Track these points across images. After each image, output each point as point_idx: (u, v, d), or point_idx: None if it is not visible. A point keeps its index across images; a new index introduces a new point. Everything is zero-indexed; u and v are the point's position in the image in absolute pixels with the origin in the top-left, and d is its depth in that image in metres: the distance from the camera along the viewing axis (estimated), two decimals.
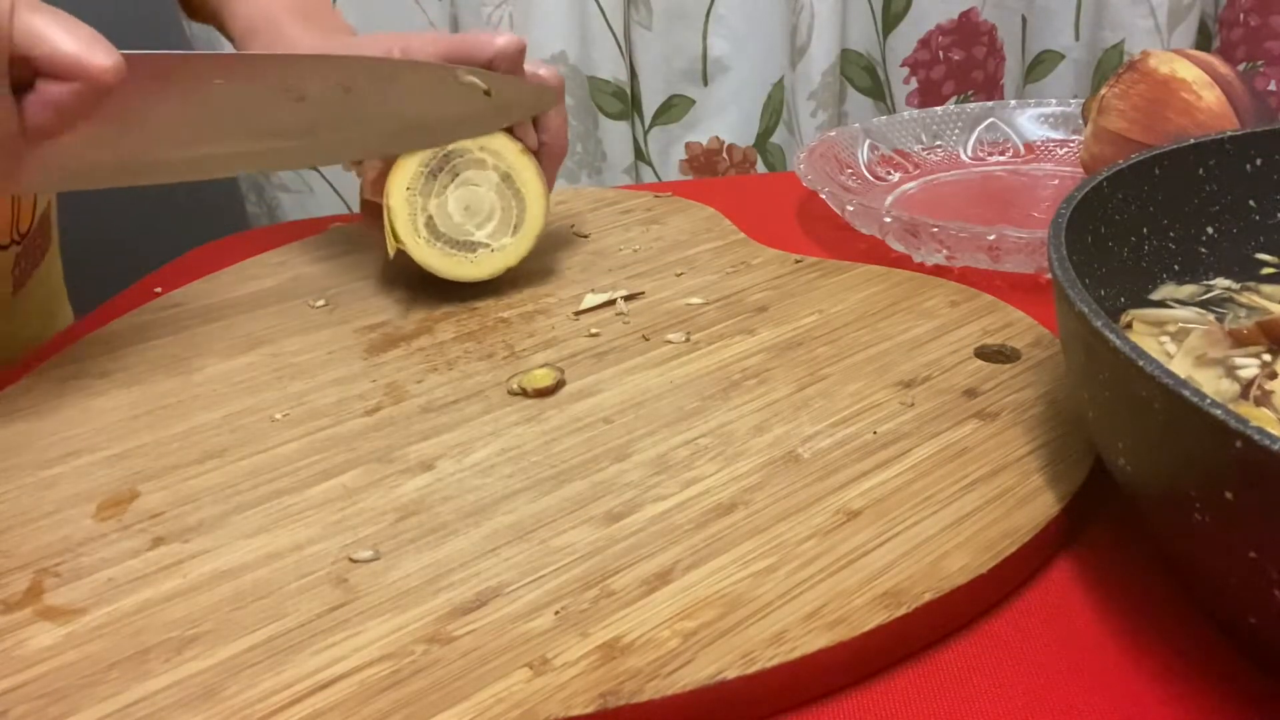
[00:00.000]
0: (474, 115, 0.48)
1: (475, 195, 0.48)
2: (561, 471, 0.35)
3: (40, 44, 0.33)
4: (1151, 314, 0.37)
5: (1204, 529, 0.24)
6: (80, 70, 0.34)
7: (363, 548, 0.32)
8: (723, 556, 0.30)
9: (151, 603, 0.30)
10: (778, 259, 0.52)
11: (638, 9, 1.00)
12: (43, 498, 0.36)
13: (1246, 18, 1.03)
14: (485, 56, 0.47)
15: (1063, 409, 0.37)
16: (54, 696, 0.27)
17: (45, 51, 0.34)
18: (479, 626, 0.28)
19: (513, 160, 0.49)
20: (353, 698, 0.26)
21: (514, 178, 0.49)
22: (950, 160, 0.68)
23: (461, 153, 0.48)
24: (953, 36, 1.05)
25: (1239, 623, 0.27)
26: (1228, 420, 0.22)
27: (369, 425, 0.39)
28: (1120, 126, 0.53)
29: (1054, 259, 0.30)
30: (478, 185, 0.48)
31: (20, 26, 0.33)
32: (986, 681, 0.28)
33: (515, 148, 0.49)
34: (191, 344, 0.46)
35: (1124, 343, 0.25)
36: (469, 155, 0.48)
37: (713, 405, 0.39)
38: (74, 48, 0.34)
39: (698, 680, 0.26)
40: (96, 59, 0.34)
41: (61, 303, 0.66)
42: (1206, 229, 0.39)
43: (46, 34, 0.34)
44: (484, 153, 0.48)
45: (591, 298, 0.49)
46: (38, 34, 0.33)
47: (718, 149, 1.07)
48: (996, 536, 0.30)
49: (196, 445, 0.38)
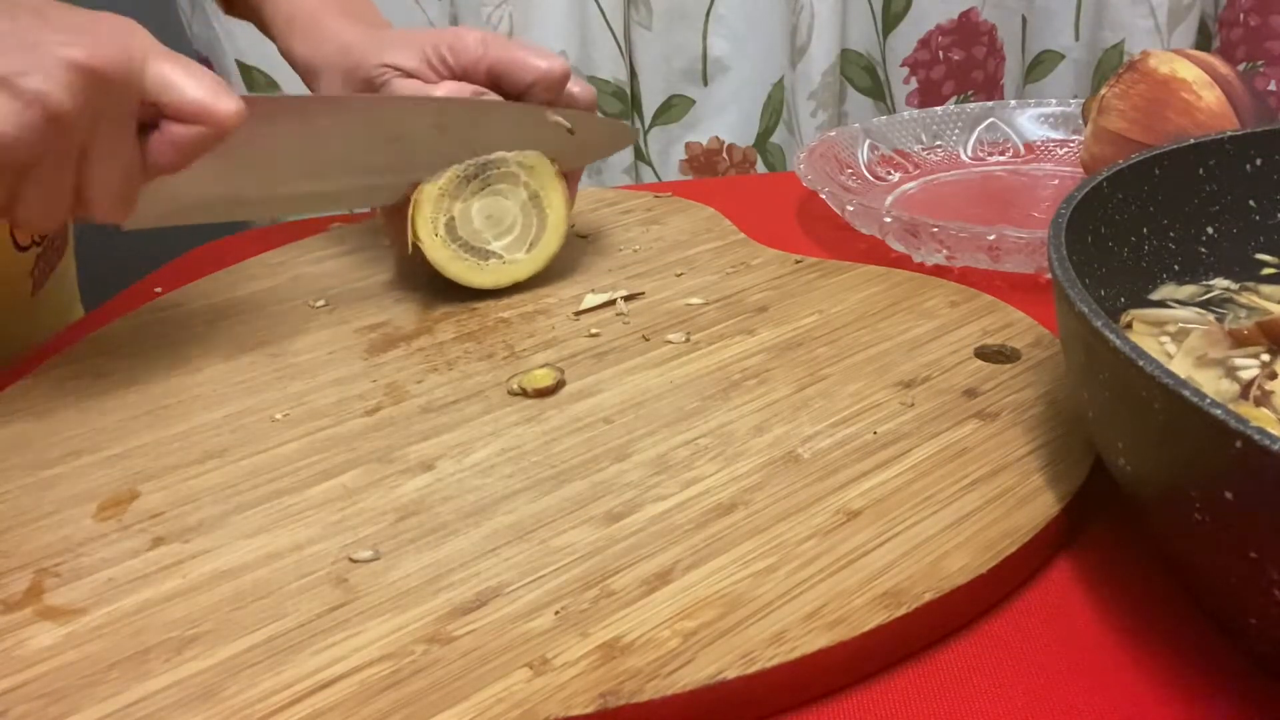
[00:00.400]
0: (558, 153, 0.50)
1: (501, 206, 0.49)
2: (561, 471, 0.35)
3: (169, 90, 0.36)
4: (1151, 314, 0.37)
5: (1204, 529, 0.24)
6: (206, 116, 0.37)
7: (363, 548, 0.32)
8: (723, 556, 0.30)
9: (151, 603, 0.30)
10: (778, 259, 0.52)
11: (638, 9, 1.00)
12: (43, 498, 0.36)
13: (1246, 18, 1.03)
14: (526, 81, 0.48)
15: (1063, 409, 0.37)
16: (54, 696, 0.27)
17: (174, 98, 0.36)
18: (479, 626, 0.28)
19: (546, 181, 0.49)
20: (353, 698, 0.26)
21: (542, 198, 0.50)
22: (950, 160, 0.68)
23: (499, 163, 0.48)
24: (953, 36, 1.05)
25: (1239, 623, 0.27)
26: (1228, 420, 0.22)
27: (369, 425, 0.39)
28: (1120, 126, 0.53)
29: (1054, 259, 0.30)
30: (505, 198, 0.49)
31: (152, 73, 0.36)
32: (986, 681, 0.28)
33: (551, 170, 0.50)
34: (191, 344, 0.46)
35: (1124, 343, 0.25)
36: (505, 168, 0.48)
37: (713, 405, 0.39)
38: (201, 94, 0.37)
39: (698, 680, 0.26)
40: (221, 105, 0.37)
41: (75, 303, 0.66)
42: (1206, 229, 0.39)
43: (176, 81, 0.36)
44: (520, 168, 0.49)
45: (591, 298, 0.49)
46: (167, 81, 0.36)
47: (718, 149, 1.07)
48: (996, 536, 0.30)
49: (196, 445, 0.38)
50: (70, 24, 0.34)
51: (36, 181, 0.35)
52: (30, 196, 0.36)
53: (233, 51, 0.95)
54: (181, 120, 0.37)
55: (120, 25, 0.36)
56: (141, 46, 0.36)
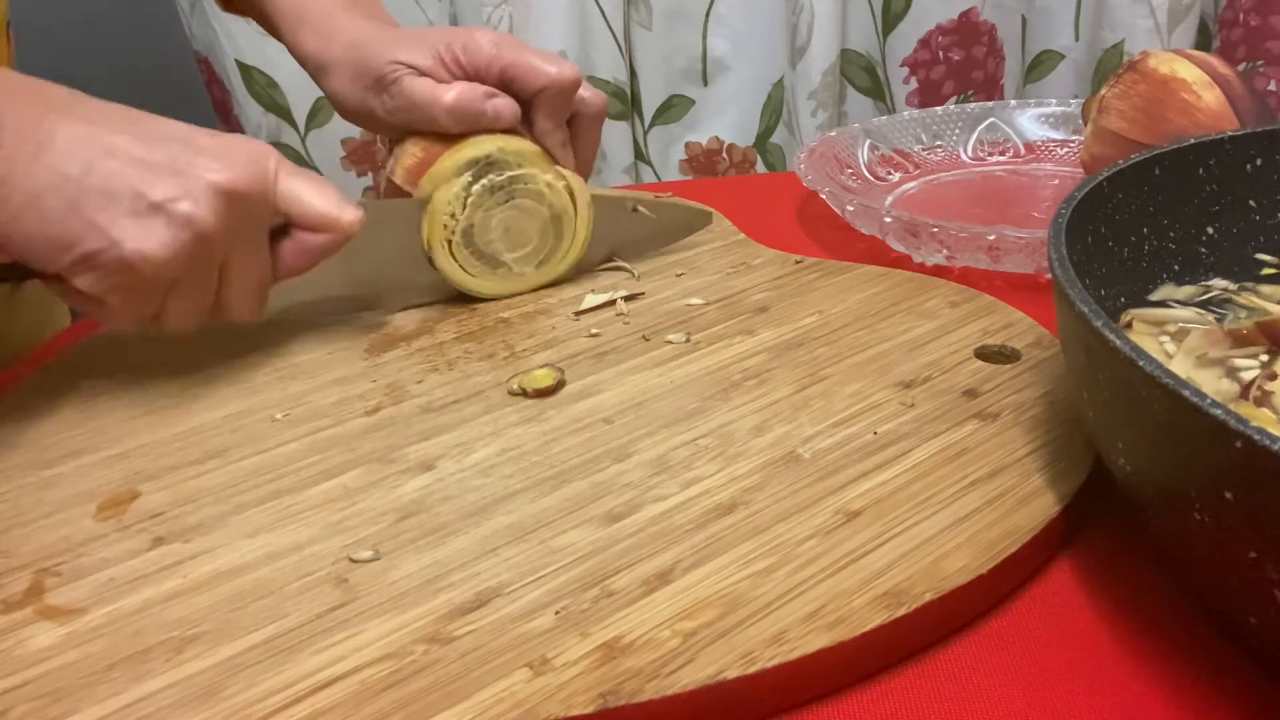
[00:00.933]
0: (642, 238, 0.54)
1: (520, 223, 0.49)
2: (561, 472, 0.35)
3: (298, 204, 0.40)
4: (1151, 314, 0.37)
5: (1204, 529, 0.24)
6: (332, 225, 0.41)
7: (363, 548, 0.32)
8: (723, 557, 0.30)
9: (151, 603, 0.30)
10: (778, 259, 0.52)
11: (638, 9, 1.00)
12: (43, 498, 0.36)
13: (1246, 18, 1.03)
14: (536, 86, 0.48)
15: (1063, 409, 0.37)
16: (54, 696, 0.27)
17: (301, 211, 0.41)
18: (479, 626, 0.28)
19: (573, 206, 0.50)
20: (353, 698, 0.26)
21: (564, 221, 0.50)
22: (950, 160, 0.68)
23: (527, 180, 0.48)
24: (953, 36, 1.05)
25: (1239, 623, 0.27)
26: (1228, 420, 0.22)
27: (369, 425, 0.39)
28: (1120, 126, 0.53)
29: (1054, 259, 0.30)
30: (527, 215, 0.49)
31: (283, 189, 0.40)
32: (986, 681, 0.28)
33: (586, 198, 0.50)
34: (191, 344, 0.46)
35: (1124, 343, 0.25)
36: (533, 185, 0.48)
37: (713, 405, 0.39)
38: (326, 208, 0.41)
39: (698, 680, 0.26)
40: (345, 216, 0.41)
41: (59, 304, 0.66)
42: (1206, 229, 0.39)
43: (305, 196, 0.41)
44: (548, 189, 0.49)
45: (592, 298, 0.49)
46: (296, 196, 0.40)
47: (718, 149, 1.07)
48: (996, 536, 0.30)
49: (197, 445, 0.38)
50: (211, 149, 0.38)
51: (182, 293, 0.39)
52: (175, 307, 0.39)
53: (232, 51, 0.95)
54: (309, 230, 0.41)
55: (255, 148, 0.39)
56: (275, 165, 0.40)
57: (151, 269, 0.36)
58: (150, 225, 0.36)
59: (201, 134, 0.39)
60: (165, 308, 0.39)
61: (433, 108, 0.47)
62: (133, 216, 0.36)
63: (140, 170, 0.36)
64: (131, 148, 0.36)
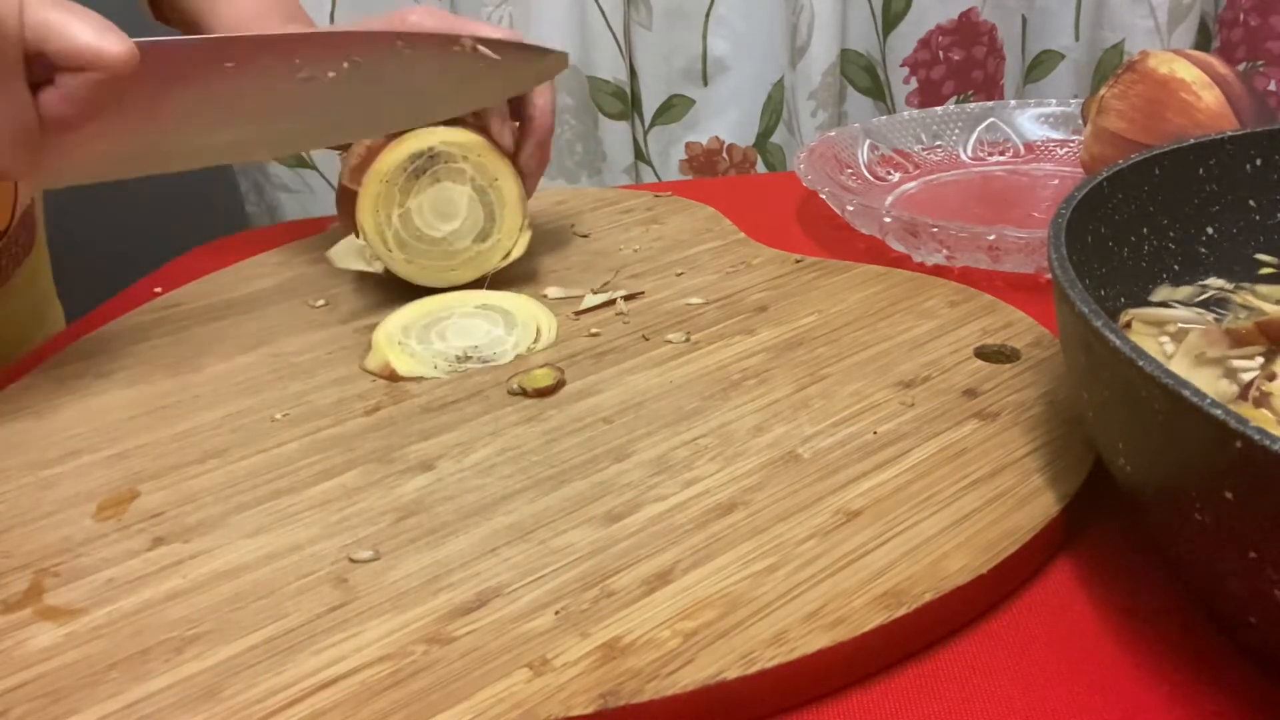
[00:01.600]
0: (482, 86, 0.47)
1: (447, 195, 0.48)
2: (561, 471, 0.35)
3: (52, 37, 0.34)
4: (1151, 314, 0.37)
5: (1204, 529, 0.24)
6: (95, 60, 0.34)
7: (363, 548, 0.32)
8: (723, 557, 0.30)
9: (151, 603, 0.30)
10: (778, 259, 0.52)
11: (638, 9, 1.00)
12: (43, 498, 0.36)
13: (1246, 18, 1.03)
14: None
15: (1063, 409, 0.37)
16: (54, 696, 0.27)
17: (58, 45, 0.34)
18: (479, 626, 0.28)
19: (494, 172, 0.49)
20: (353, 698, 0.26)
21: (491, 193, 0.49)
22: (950, 160, 0.68)
23: (446, 157, 0.48)
24: (953, 36, 1.05)
25: (1239, 623, 0.27)
26: (1228, 420, 0.22)
27: (369, 425, 0.39)
28: (1120, 127, 0.53)
29: (1054, 259, 0.30)
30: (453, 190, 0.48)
31: (31, 20, 0.34)
32: (986, 681, 0.28)
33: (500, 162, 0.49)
34: (191, 344, 0.46)
35: (1124, 343, 0.25)
36: (452, 163, 0.48)
37: (712, 405, 0.39)
38: (87, 38, 0.34)
39: (698, 680, 0.26)
40: (110, 48, 0.35)
41: (51, 304, 0.66)
42: (1206, 229, 0.39)
43: (58, 26, 0.34)
44: (466, 163, 0.48)
45: (591, 298, 0.49)
46: (49, 27, 0.34)
47: (718, 149, 1.07)
48: (996, 536, 0.30)
49: (196, 445, 0.38)
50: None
51: None
52: None
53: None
54: (71, 69, 0.35)
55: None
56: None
57: None
58: None
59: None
60: None
61: None
62: None
63: None
64: None
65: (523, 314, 0.47)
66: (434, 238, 0.48)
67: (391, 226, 0.47)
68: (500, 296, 0.48)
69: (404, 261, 0.48)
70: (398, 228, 0.48)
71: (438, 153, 0.47)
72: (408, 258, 0.48)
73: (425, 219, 0.48)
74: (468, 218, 0.49)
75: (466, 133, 0.48)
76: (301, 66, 0.43)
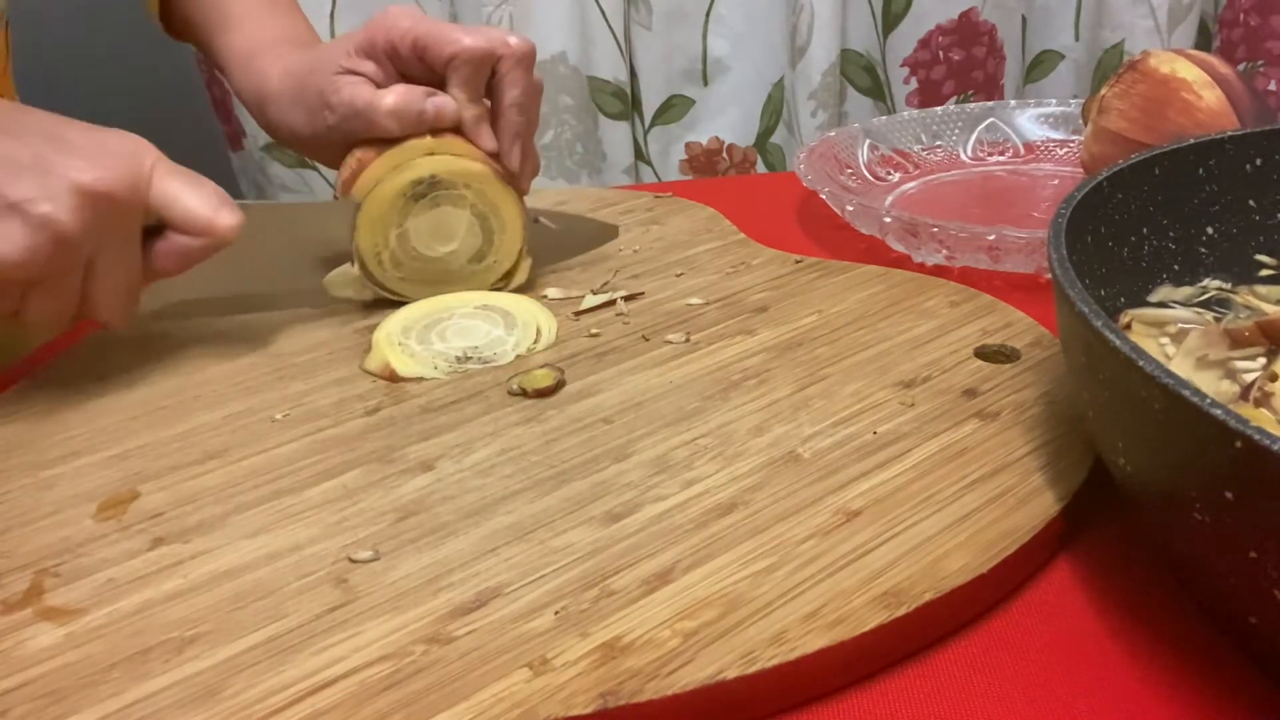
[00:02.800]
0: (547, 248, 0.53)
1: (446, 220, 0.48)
2: (561, 471, 0.35)
3: (174, 206, 0.39)
4: (1150, 314, 0.37)
5: (1204, 529, 0.24)
6: (209, 230, 0.39)
7: (363, 548, 0.32)
8: (723, 556, 0.30)
9: (151, 603, 0.30)
10: (778, 259, 0.52)
11: (638, 9, 1.00)
12: (43, 498, 0.36)
13: (1246, 18, 1.03)
14: (447, 54, 0.47)
15: (1063, 409, 0.37)
16: (54, 696, 0.27)
17: (178, 213, 0.39)
18: (479, 626, 0.28)
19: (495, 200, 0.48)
20: (353, 698, 0.26)
21: (491, 219, 0.49)
22: (950, 160, 0.68)
23: (449, 184, 0.47)
24: (953, 36, 1.05)
25: (1239, 623, 0.27)
26: (1228, 420, 0.22)
27: (369, 425, 0.39)
28: (1120, 126, 0.53)
29: (1054, 259, 0.30)
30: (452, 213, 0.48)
31: (157, 190, 0.38)
32: (986, 681, 0.28)
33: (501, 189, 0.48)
34: (191, 344, 0.46)
35: (1124, 343, 0.25)
36: (453, 189, 0.47)
37: (712, 405, 0.39)
38: (204, 210, 0.39)
39: (698, 680, 0.26)
40: (222, 219, 0.39)
41: None
42: (1206, 229, 0.39)
43: (180, 197, 0.39)
44: (468, 190, 0.48)
45: (592, 298, 0.49)
46: (172, 198, 0.39)
47: (718, 149, 1.07)
48: (996, 536, 0.30)
49: (196, 445, 0.38)
50: (79, 146, 0.37)
51: (44, 293, 0.38)
52: (36, 307, 0.38)
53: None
54: (184, 233, 0.39)
55: (128, 144, 0.38)
56: (149, 165, 0.38)
57: (5, 270, 0.36)
58: (5, 226, 0.35)
59: (76, 129, 0.38)
60: (27, 306, 0.38)
61: (374, 113, 0.46)
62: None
63: (1, 168, 0.35)
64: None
65: (523, 314, 0.47)
66: (430, 257, 0.48)
67: (389, 247, 0.47)
68: (500, 297, 0.48)
69: (398, 280, 0.48)
70: (394, 248, 0.47)
71: (439, 180, 0.47)
72: (402, 276, 0.48)
73: (423, 240, 0.48)
74: (466, 240, 0.49)
75: (467, 161, 0.48)
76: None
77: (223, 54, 0.56)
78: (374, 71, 0.48)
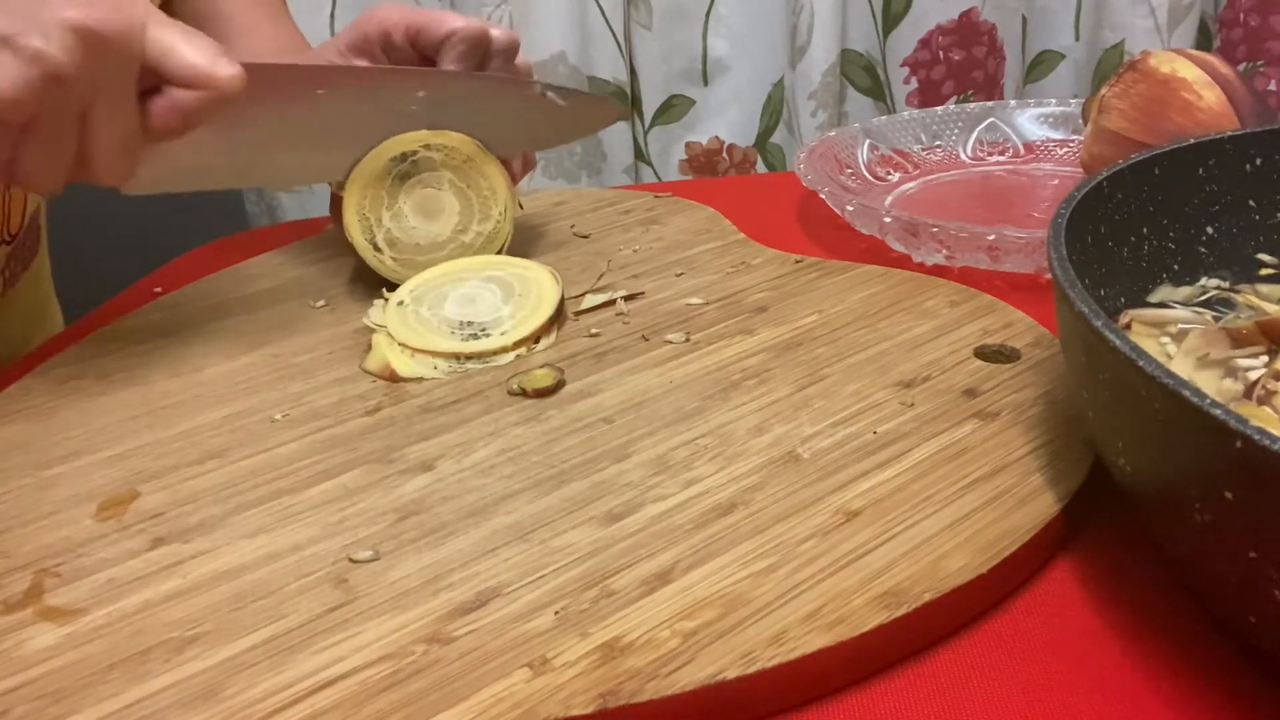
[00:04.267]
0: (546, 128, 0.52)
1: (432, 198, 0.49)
2: (561, 471, 0.35)
3: (169, 56, 0.37)
4: (1150, 314, 0.37)
5: (1204, 529, 0.24)
6: (207, 80, 0.38)
7: (363, 548, 0.32)
8: (723, 556, 0.30)
9: (151, 603, 0.30)
10: (778, 259, 0.52)
11: (638, 9, 1.00)
12: (43, 498, 0.36)
13: (1246, 18, 1.03)
14: (441, 35, 0.48)
15: (1063, 409, 0.37)
16: (54, 697, 0.27)
17: (174, 63, 0.37)
18: (479, 626, 0.28)
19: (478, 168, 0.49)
20: (353, 698, 0.26)
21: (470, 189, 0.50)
22: (950, 160, 0.68)
23: (425, 163, 0.48)
24: (953, 36, 1.05)
25: (1239, 623, 0.27)
26: (1228, 420, 0.22)
27: (369, 425, 0.39)
28: (1120, 126, 0.53)
29: (1054, 259, 0.30)
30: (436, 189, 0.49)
31: (151, 40, 0.37)
32: (986, 681, 0.28)
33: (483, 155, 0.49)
34: (191, 344, 0.46)
35: (1124, 343, 0.25)
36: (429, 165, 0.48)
37: (712, 405, 0.39)
38: (201, 60, 0.37)
39: (698, 680, 0.26)
40: (221, 70, 0.38)
41: (51, 305, 0.66)
42: (1206, 229, 0.39)
43: (176, 47, 0.37)
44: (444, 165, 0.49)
45: (591, 298, 0.49)
46: (167, 47, 0.37)
47: (718, 149, 1.07)
48: (996, 536, 0.30)
49: (196, 445, 0.38)
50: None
51: (37, 141, 0.36)
52: (30, 156, 0.37)
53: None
54: (182, 85, 0.38)
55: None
56: (142, 12, 0.37)
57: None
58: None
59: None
60: (21, 157, 0.37)
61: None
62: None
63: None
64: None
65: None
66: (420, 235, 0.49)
67: (383, 227, 0.48)
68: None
69: (391, 259, 0.49)
70: (389, 227, 0.48)
71: (420, 157, 0.48)
72: (395, 254, 0.49)
73: (413, 219, 0.49)
74: (453, 215, 0.50)
75: (448, 134, 0.49)
76: (383, 99, 0.46)
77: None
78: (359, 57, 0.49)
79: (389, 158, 0.48)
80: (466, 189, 0.50)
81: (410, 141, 0.48)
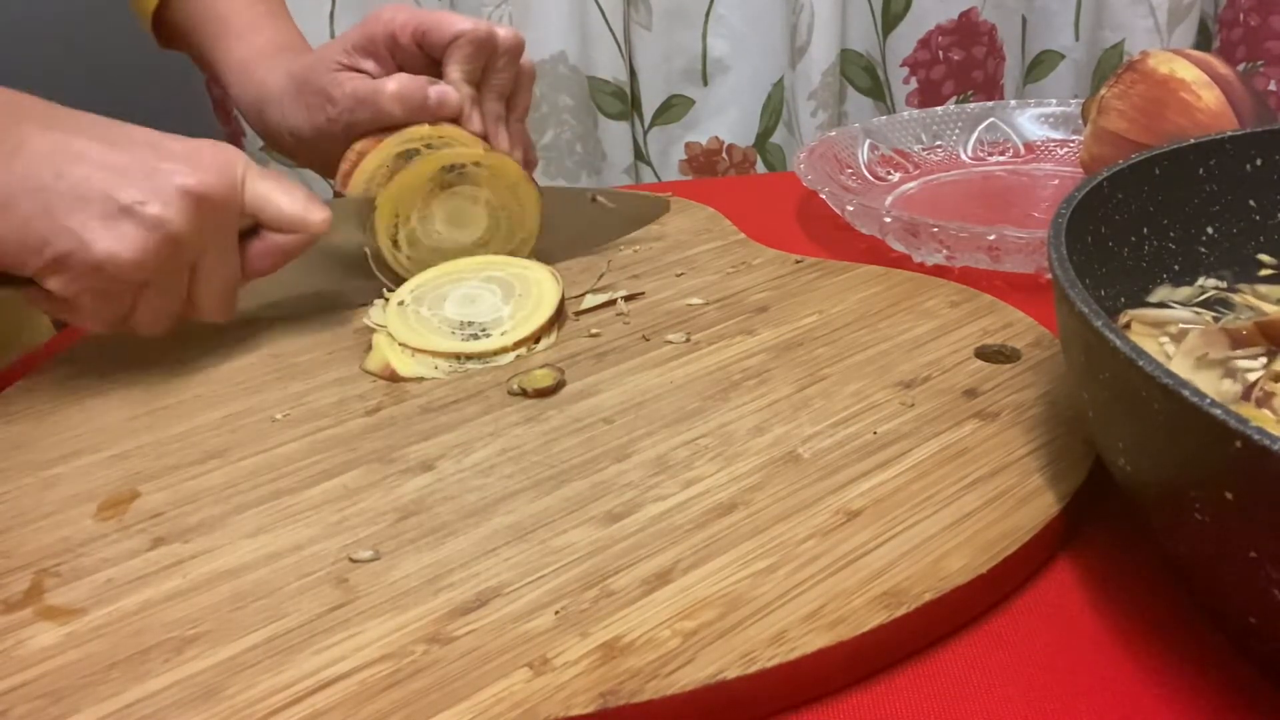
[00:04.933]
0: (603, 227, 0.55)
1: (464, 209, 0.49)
2: (561, 471, 0.35)
3: (267, 206, 0.42)
4: (1150, 314, 0.37)
5: (1204, 529, 0.24)
6: (301, 227, 0.42)
7: (363, 548, 0.32)
8: (723, 556, 0.30)
9: (151, 603, 0.30)
10: (778, 259, 0.52)
11: (638, 9, 1.00)
12: (43, 498, 0.36)
13: (1246, 18, 1.03)
14: (448, 36, 0.49)
15: (1063, 409, 0.37)
16: (54, 696, 0.27)
17: (271, 212, 0.42)
18: (479, 626, 0.28)
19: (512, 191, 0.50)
20: (353, 698, 0.26)
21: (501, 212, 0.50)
22: (950, 160, 0.68)
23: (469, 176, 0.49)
24: (953, 36, 1.05)
25: (1239, 623, 0.27)
26: (1228, 420, 0.22)
27: (369, 425, 0.39)
28: (1120, 126, 0.53)
29: (1054, 259, 0.30)
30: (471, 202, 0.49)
31: (249, 192, 0.41)
32: (986, 681, 0.28)
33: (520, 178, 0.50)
34: (191, 344, 0.46)
35: (1124, 343, 0.25)
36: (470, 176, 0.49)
37: (713, 405, 0.39)
38: (296, 209, 0.42)
39: (698, 680, 0.26)
40: (313, 216, 0.42)
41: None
42: (1206, 229, 0.39)
43: (272, 198, 0.42)
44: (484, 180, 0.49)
45: (592, 298, 0.49)
46: (264, 198, 0.41)
47: (718, 149, 1.07)
48: (996, 536, 0.30)
49: (197, 445, 0.38)
50: (179, 153, 0.39)
51: (154, 295, 0.40)
52: (147, 308, 0.40)
53: None
54: (277, 230, 0.42)
55: (224, 153, 0.40)
56: (242, 169, 0.41)
57: (121, 270, 0.37)
58: (120, 227, 0.37)
59: (171, 140, 0.40)
60: (137, 309, 0.40)
61: (378, 97, 0.48)
62: (102, 219, 0.37)
63: (110, 174, 0.37)
64: (102, 153, 0.38)
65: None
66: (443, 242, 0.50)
67: (408, 225, 0.48)
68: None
69: (406, 257, 0.49)
70: (414, 226, 0.48)
71: (468, 170, 0.48)
72: (411, 253, 0.49)
73: (441, 225, 0.49)
74: (486, 229, 0.50)
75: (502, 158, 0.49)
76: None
77: (222, 63, 0.57)
78: (373, 69, 0.50)
79: (441, 165, 0.48)
80: (499, 209, 0.50)
81: (465, 155, 0.48)
